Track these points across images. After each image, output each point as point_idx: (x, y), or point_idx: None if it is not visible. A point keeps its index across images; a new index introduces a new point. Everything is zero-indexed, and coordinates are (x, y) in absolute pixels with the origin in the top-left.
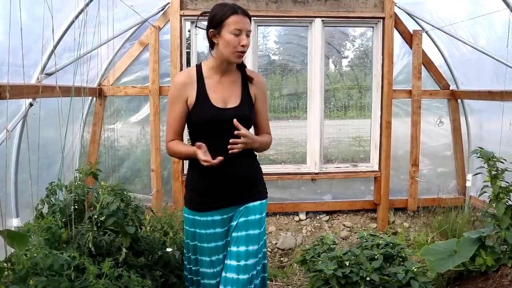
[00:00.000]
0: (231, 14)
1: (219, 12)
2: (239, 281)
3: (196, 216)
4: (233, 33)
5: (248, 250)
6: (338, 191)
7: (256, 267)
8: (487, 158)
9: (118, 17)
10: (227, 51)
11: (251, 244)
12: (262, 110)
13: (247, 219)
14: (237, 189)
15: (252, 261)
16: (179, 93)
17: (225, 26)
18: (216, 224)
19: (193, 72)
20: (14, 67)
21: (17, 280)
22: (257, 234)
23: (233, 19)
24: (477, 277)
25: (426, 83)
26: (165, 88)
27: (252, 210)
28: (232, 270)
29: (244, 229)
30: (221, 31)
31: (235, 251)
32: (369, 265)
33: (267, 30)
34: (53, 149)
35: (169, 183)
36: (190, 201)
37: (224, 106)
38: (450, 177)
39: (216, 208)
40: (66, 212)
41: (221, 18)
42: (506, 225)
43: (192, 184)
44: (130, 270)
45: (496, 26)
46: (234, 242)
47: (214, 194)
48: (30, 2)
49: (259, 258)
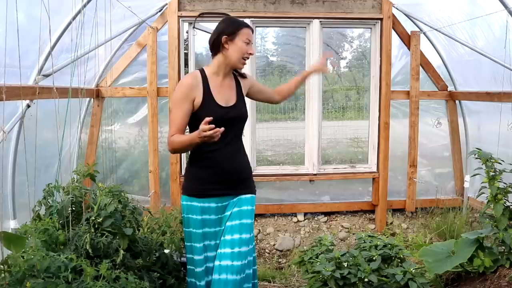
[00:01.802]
0: (245, 26)
1: (235, 23)
2: (233, 267)
3: (193, 202)
4: (244, 42)
5: (241, 238)
6: (336, 192)
7: (248, 256)
8: (485, 159)
9: (116, 18)
10: (236, 56)
11: (244, 232)
12: (260, 86)
13: (240, 209)
14: (233, 181)
15: (245, 249)
16: (187, 93)
17: (239, 34)
18: (212, 210)
19: (198, 75)
20: (11, 68)
21: (14, 282)
22: (249, 223)
23: (246, 31)
24: (475, 278)
25: (424, 84)
26: (163, 89)
27: (245, 201)
28: (226, 257)
29: (238, 218)
30: (235, 38)
31: (229, 239)
32: (367, 266)
33: (265, 31)
34: (50, 150)
35: (167, 185)
36: (189, 188)
37: (226, 104)
38: (448, 178)
39: (213, 196)
40: (63, 214)
41: (237, 27)
42: (504, 226)
43: (192, 173)
44: (128, 272)
45: (494, 27)
46: (229, 231)
47: (212, 182)
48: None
49: (250, 248)
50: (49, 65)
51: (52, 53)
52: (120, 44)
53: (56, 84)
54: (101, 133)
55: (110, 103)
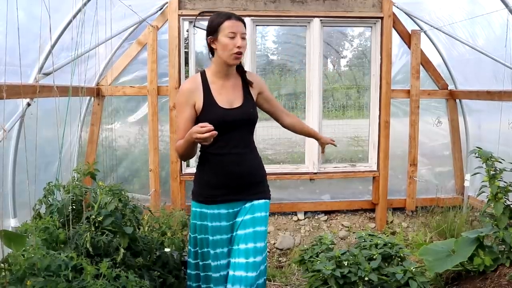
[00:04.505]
0: (225, 19)
1: (215, 20)
2: (247, 278)
3: (203, 209)
4: (228, 36)
5: (256, 247)
6: (337, 191)
7: (261, 265)
8: (486, 158)
9: (116, 17)
10: (225, 54)
11: (258, 241)
12: (270, 96)
13: (253, 216)
14: (245, 186)
15: (260, 258)
16: (186, 99)
17: (220, 31)
18: (222, 217)
19: (198, 79)
20: (11, 67)
21: (14, 281)
22: (263, 231)
23: (227, 24)
24: (475, 277)
25: (425, 83)
26: (163, 88)
27: (258, 207)
28: (240, 268)
29: (252, 226)
30: (217, 36)
31: (243, 248)
32: (368, 265)
33: (265, 30)
34: (50, 149)
35: (167, 183)
36: (199, 194)
37: (230, 106)
38: (449, 177)
39: (223, 202)
40: (63, 212)
41: (217, 24)
42: (504, 225)
43: (202, 178)
44: (128, 271)
45: (495, 26)
46: (242, 240)
47: (223, 188)
48: (27, 2)
49: (264, 256)
50: (50, 64)
51: (53, 52)
52: (121, 43)
53: (57, 82)
54: (101, 131)
55: (111, 101)
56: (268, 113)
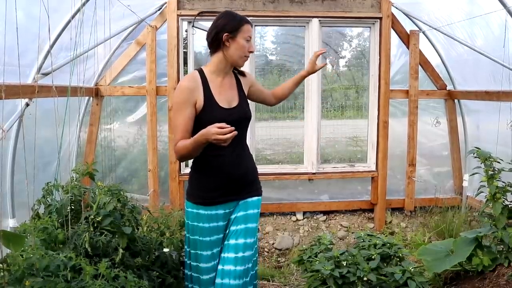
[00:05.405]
0: (246, 23)
1: (235, 19)
2: (236, 272)
3: (200, 210)
4: (246, 39)
5: (246, 243)
6: (335, 191)
7: (251, 260)
8: (484, 158)
9: (115, 17)
10: (237, 54)
11: (249, 237)
12: (259, 86)
13: (246, 213)
14: (241, 185)
15: (249, 253)
16: (187, 97)
17: (240, 32)
18: (219, 217)
19: (197, 77)
20: (10, 67)
21: (13, 281)
22: (254, 227)
23: (247, 27)
24: (474, 277)
25: (423, 83)
26: (162, 88)
27: (251, 205)
28: (230, 262)
29: (244, 223)
30: (236, 36)
31: (233, 243)
32: (366, 265)
33: (264, 30)
34: (49, 149)
35: (166, 183)
36: (196, 196)
37: (229, 106)
38: (447, 177)
39: (221, 202)
40: (62, 213)
41: (239, 24)
42: (503, 225)
43: (200, 180)
44: (127, 271)
45: (493, 26)
46: (233, 235)
47: (222, 189)
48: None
49: (255, 250)
50: (48, 64)
51: (51, 52)
52: (119, 43)
53: (55, 82)
54: (100, 131)
55: (109, 101)
56: (260, 101)
